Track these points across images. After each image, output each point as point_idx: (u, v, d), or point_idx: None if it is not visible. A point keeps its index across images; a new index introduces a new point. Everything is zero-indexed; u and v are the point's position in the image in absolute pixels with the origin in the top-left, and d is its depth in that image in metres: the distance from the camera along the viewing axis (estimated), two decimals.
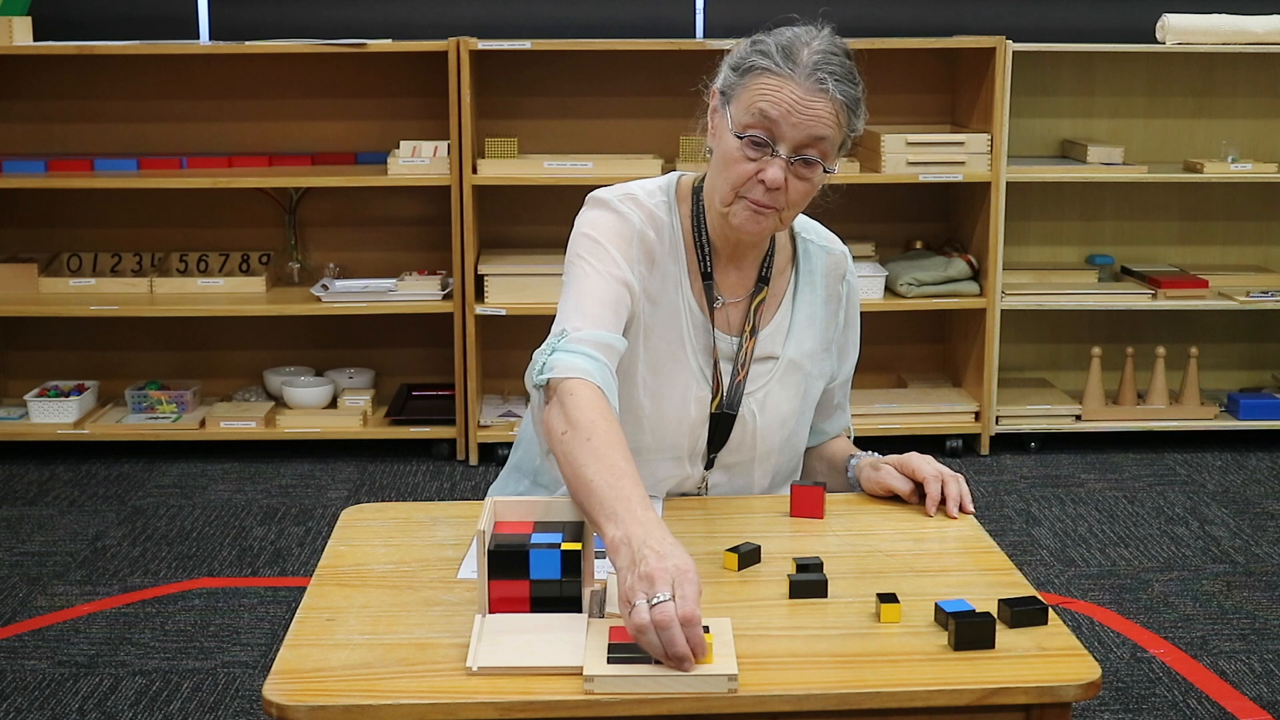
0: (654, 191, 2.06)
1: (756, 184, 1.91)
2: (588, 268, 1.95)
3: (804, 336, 2.11)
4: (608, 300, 1.93)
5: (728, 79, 1.95)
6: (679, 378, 2.03)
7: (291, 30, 4.77)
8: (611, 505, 1.63)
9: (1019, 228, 4.86)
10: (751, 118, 1.89)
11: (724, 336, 2.06)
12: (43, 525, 4.01)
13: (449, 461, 4.61)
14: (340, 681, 1.48)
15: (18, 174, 4.48)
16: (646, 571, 1.51)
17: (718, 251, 2.05)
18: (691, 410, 2.04)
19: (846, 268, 2.16)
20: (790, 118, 1.87)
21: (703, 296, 2.05)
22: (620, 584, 1.54)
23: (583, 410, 1.76)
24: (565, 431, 1.75)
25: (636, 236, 1.99)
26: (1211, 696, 2.98)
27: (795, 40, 1.90)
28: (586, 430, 1.73)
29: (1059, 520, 4.06)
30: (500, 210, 4.82)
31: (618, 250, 1.97)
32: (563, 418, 1.76)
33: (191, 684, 3.03)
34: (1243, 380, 5.08)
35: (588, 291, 1.93)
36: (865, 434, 4.36)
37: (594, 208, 2.03)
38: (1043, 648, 1.56)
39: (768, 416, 2.08)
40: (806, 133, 1.88)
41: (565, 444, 1.73)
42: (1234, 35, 4.53)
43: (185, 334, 4.89)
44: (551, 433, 1.78)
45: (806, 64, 1.87)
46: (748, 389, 2.06)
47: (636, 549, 1.55)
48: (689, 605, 1.48)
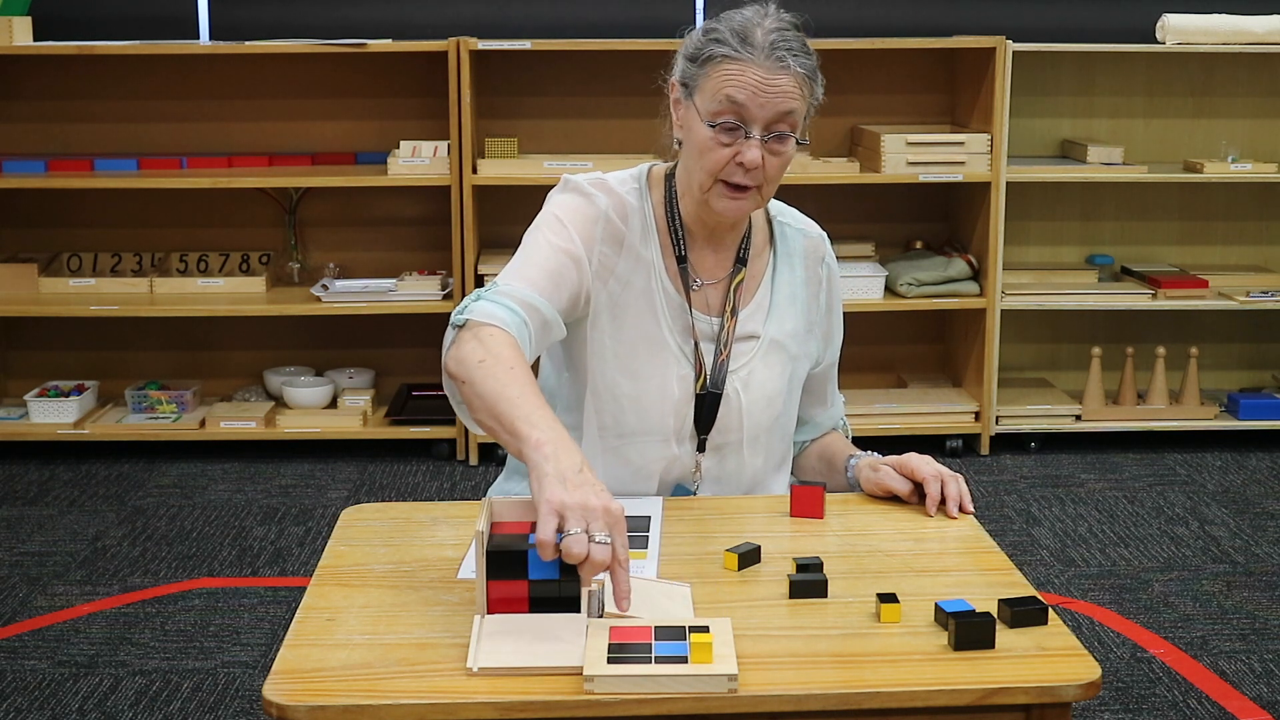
0: (625, 179, 2.11)
1: (735, 167, 1.95)
2: (540, 238, 2.02)
3: (785, 316, 2.14)
4: (549, 268, 1.98)
5: (686, 70, 1.99)
6: (658, 358, 2.06)
7: (291, 30, 4.77)
8: (535, 417, 1.68)
9: (1019, 228, 4.86)
10: (720, 105, 1.93)
11: (703, 318, 2.09)
12: (43, 525, 4.01)
13: (449, 461, 4.61)
14: (340, 681, 1.48)
15: (18, 174, 4.49)
16: (594, 505, 1.55)
17: (692, 235, 2.09)
18: (675, 389, 2.06)
19: (825, 250, 2.20)
20: (757, 99, 1.91)
21: (679, 279, 2.08)
22: (545, 488, 1.58)
23: (504, 349, 1.80)
24: (484, 359, 1.78)
25: (601, 218, 2.04)
26: (1211, 696, 2.98)
27: (748, 23, 1.94)
28: (509, 362, 1.78)
29: (1059, 520, 4.06)
30: (500, 210, 4.82)
31: (577, 231, 2.02)
32: (481, 348, 1.80)
33: (191, 684, 3.03)
34: (1243, 380, 5.08)
35: (531, 258, 1.99)
36: (865, 434, 4.37)
37: (564, 190, 2.08)
38: (1043, 648, 1.56)
39: (753, 394, 2.10)
40: (774, 110, 1.93)
41: (484, 368, 1.77)
42: (1234, 35, 4.53)
43: (185, 334, 4.89)
44: (464, 359, 1.80)
45: (763, 44, 1.91)
46: (731, 368, 2.09)
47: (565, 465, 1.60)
48: (624, 551, 1.55)
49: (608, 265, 2.04)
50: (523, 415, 1.69)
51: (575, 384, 2.11)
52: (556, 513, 1.55)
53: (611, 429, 2.08)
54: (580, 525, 1.54)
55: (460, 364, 1.81)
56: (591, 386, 2.08)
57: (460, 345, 1.83)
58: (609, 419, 2.07)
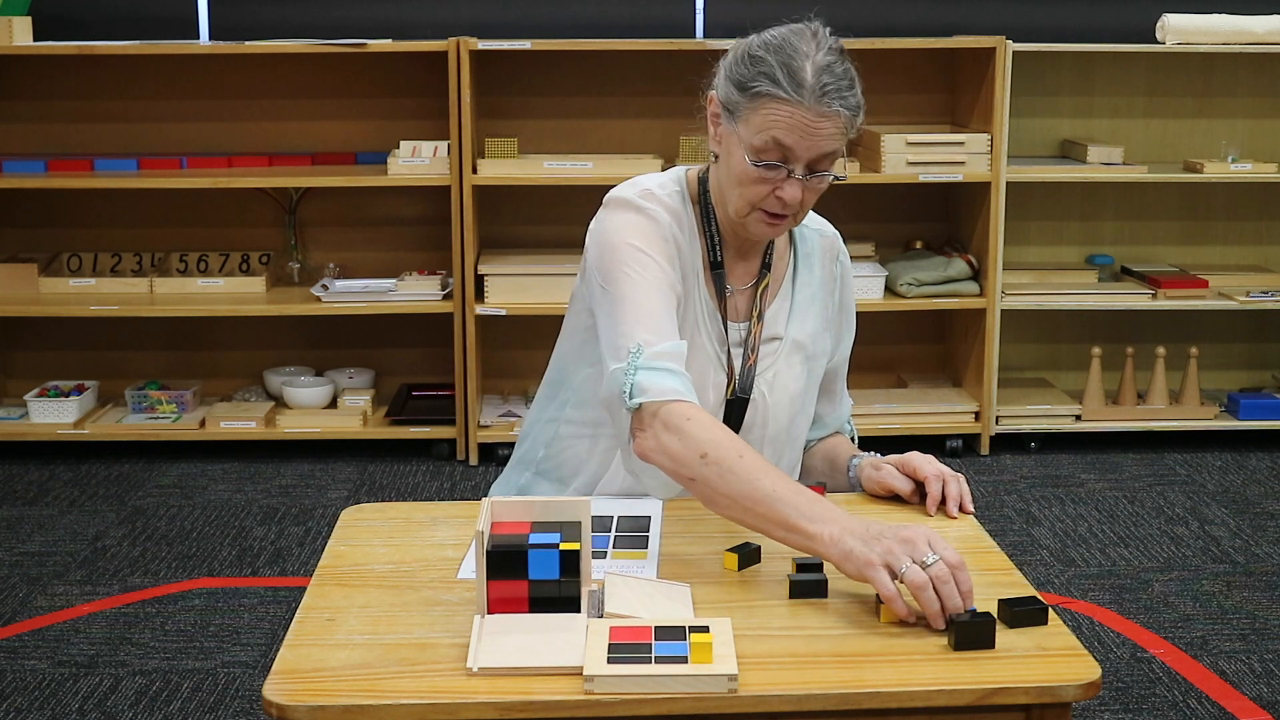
0: (668, 185, 2.07)
1: (774, 199, 1.95)
2: (637, 276, 1.96)
3: (805, 317, 2.15)
4: (664, 308, 1.95)
5: (731, 96, 1.94)
6: (698, 365, 2.06)
7: (291, 30, 4.77)
8: (807, 509, 1.71)
9: (1019, 228, 4.86)
10: (764, 143, 1.91)
11: (734, 325, 2.10)
12: (43, 525, 4.01)
13: (449, 461, 4.61)
14: (340, 681, 1.48)
15: (18, 174, 4.49)
16: (904, 535, 1.62)
17: (726, 242, 2.09)
18: (710, 396, 2.07)
19: (839, 248, 2.21)
20: (804, 142, 1.90)
21: (712, 285, 2.08)
22: (861, 559, 1.63)
23: (710, 431, 1.81)
24: (705, 454, 1.78)
25: (669, 236, 2.01)
26: (1211, 696, 2.98)
27: (797, 56, 1.89)
28: (732, 448, 1.79)
29: (1059, 520, 4.06)
30: (500, 210, 4.82)
31: (659, 253, 1.99)
32: (693, 441, 1.80)
33: (191, 684, 3.03)
34: (1243, 380, 5.08)
35: (647, 302, 1.94)
36: (865, 434, 4.35)
37: (621, 210, 2.03)
38: (1043, 648, 1.56)
39: (776, 395, 2.11)
40: (819, 151, 1.92)
41: (716, 466, 1.77)
42: (1234, 35, 4.53)
43: (185, 334, 4.89)
44: (682, 459, 1.80)
45: (813, 87, 1.88)
46: (758, 370, 2.10)
47: (863, 530, 1.65)
48: (954, 553, 1.61)
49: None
50: (794, 510, 1.71)
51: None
52: (884, 568, 1.61)
53: None
54: (905, 561, 1.60)
55: (678, 463, 1.82)
56: None
57: (657, 437, 1.83)
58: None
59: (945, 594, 1.58)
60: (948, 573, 1.58)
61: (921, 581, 1.58)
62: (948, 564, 1.59)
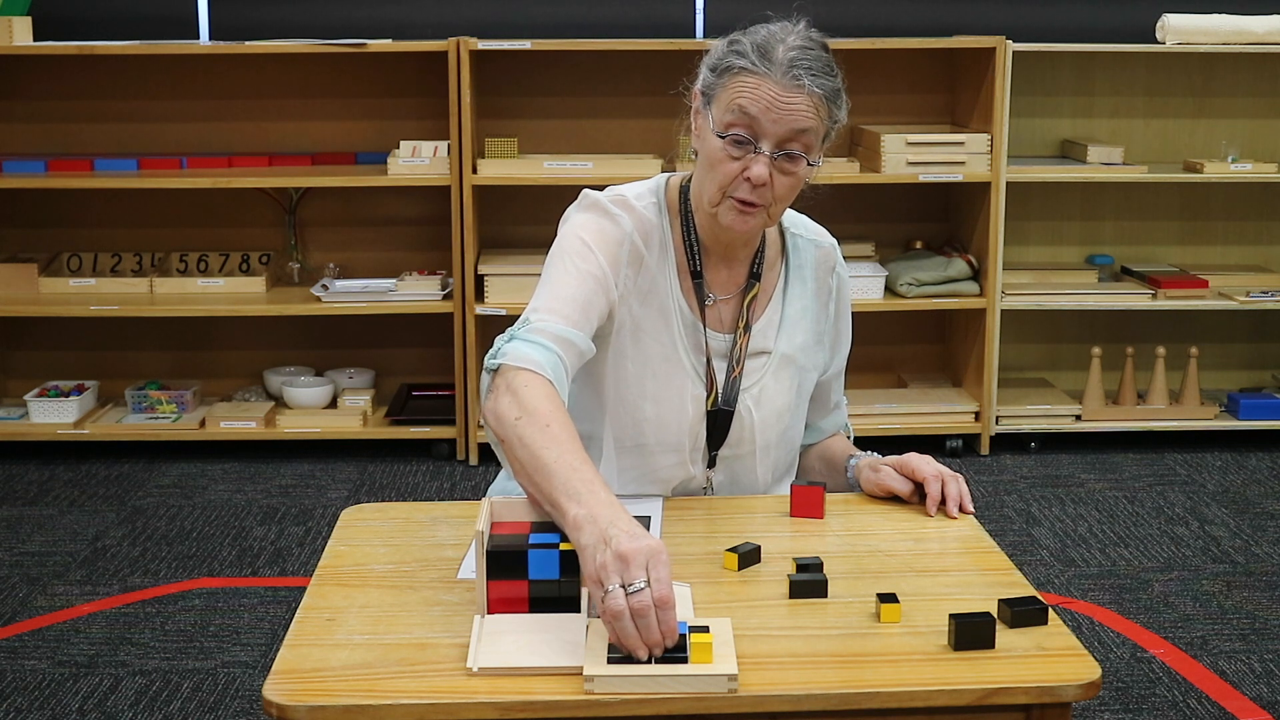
0: (644, 194, 2.08)
1: (742, 182, 1.93)
2: (569, 264, 1.98)
3: (796, 330, 2.13)
4: (580, 299, 1.95)
5: (706, 80, 1.97)
6: (674, 378, 2.05)
7: (291, 30, 4.77)
8: (574, 485, 1.64)
9: (1019, 228, 4.86)
10: (732, 116, 1.91)
11: (716, 335, 2.08)
12: (43, 525, 4.01)
13: (449, 461, 4.61)
14: (340, 681, 1.48)
15: (18, 174, 4.48)
16: (620, 550, 1.51)
17: (707, 250, 2.07)
18: (689, 408, 2.06)
19: (836, 260, 2.18)
20: (770, 114, 1.89)
21: (693, 295, 2.07)
22: (588, 561, 1.54)
23: (539, 400, 1.78)
24: (520, 417, 1.76)
25: (627, 240, 2.01)
26: (1211, 696, 2.98)
27: (771, 38, 1.92)
28: (544, 418, 1.75)
29: (1059, 520, 4.06)
30: (500, 210, 4.82)
31: (604, 255, 1.99)
32: (516, 403, 1.78)
33: (191, 684, 3.03)
34: (1243, 380, 5.08)
35: (563, 287, 1.96)
36: (865, 434, 4.36)
37: (586, 210, 2.05)
38: (1043, 648, 1.56)
39: (764, 410, 2.10)
40: (787, 127, 1.90)
41: (520, 427, 1.74)
42: (1234, 35, 4.53)
43: (185, 334, 4.89)
44: (502, 416, 1.78)
45: (782, 61, 1.89)
46: (743, 385, 2.08)
47: (604, 527, 1.55)
48: (664, 588, 1.49)
49: (629, 287, 2.02)
50: (561, 484, 1.65)
51: (592, 395, 2.09)
52: (598, 584, 1.51)
53: (626, 443, 2.07)
54: (613, 582, 1.49)
55: (498, 422, 1.79)
56: (608, 403, 2.06)
57: (497, 398, 1.81)
58: (624, 434, 2.06)
59: (642, 628, 1.47)
60: (648, 607, 1.47)
61: (618, 610, 1.47)
62: (655, 598, 1.47)
